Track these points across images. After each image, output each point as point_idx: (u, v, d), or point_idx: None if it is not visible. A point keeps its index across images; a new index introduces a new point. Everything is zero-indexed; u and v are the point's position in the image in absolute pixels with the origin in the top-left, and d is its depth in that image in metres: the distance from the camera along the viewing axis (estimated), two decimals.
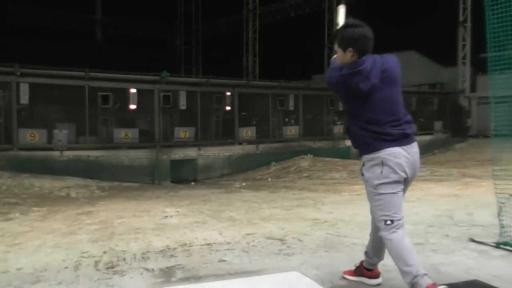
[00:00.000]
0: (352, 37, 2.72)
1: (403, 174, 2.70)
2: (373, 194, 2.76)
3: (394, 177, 2.70)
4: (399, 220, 2.71)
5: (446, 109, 19.91)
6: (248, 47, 27.14)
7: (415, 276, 2.60)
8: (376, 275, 3.13)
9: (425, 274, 2.62)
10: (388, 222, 2.70)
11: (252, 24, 26.97)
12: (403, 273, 2.67)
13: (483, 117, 18.43)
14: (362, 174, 2.83)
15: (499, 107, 4.21)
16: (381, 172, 2.70)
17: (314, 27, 24.97)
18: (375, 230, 2.94)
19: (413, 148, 2.76)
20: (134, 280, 3.35)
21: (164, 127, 12.85)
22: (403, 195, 2.80)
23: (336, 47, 2.86)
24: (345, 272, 3.25)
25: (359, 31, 2.72)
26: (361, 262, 3.18)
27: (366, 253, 3.13)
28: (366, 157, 2.77)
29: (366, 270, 3.13)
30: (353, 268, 3.25)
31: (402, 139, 2.72)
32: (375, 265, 3.11)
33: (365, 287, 3.12)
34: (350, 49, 2.72)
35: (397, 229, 2.70)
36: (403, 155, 2.69)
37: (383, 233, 2.74)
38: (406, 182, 2.77)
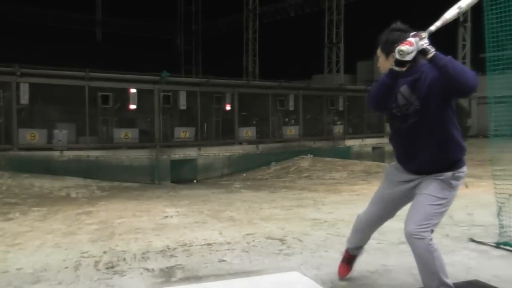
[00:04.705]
0: (397, 41, 2.51)
1: None
2: (448, 202, 2.62)
3: None
4: None
5: None
6: (248, 47, 27.14)
7: None
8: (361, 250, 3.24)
9: None
10: (433, 232, 2.61)
11: (252, 24, 26.97)
12: (443, 284, 2.56)
13: (483, 117, 18.42)
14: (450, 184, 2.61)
15: (499, 107, 4.21)
16: (461, 185, 2.67)
17: (314, 27, 24.97)
18: (379, 222, 2.98)
19: None
20: (134, 280, 3.35)
21: (164, 127, 12.84)
22: None
23: (378, 52, 2.68)
24: (341, 275, 3.21)
25: (405, 36, 2.51)
26: (347, 252, 3.20)
27: (362, 247, 3.18)
28: (462, 169, 2.63)
29: (356, 256, 3.21)
30: (340, 265, 3.25)
31: None
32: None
33: (365, 286, 3.13)
34: (394, 54, 2.52)
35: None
36: None
37: (429, 241, 2.54)
38: None
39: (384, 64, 2.66)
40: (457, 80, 2.33)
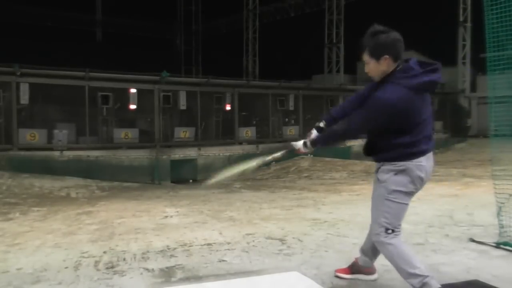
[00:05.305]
0: (387, 43, 2.55)
1: (419, 187, 2.68)
2: (384, 198, 2.67)
3: (411, 187, 2.65)
4: (399, 229, 2.71)
5: (446, 109, 19.91)
6: (248, 47, 27.15)
7: (425, 277, 2.59)
8: (373, 271, 3.18)
9: (433, 277, 2.62)
10: (389, 231, 2.66)
11: (252, 24, 26.98)
12: (410, 275, 2.62)
13: (483, 117, 18.43)
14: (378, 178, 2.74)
15: (499, 107, 4.21)
16: (401, 180, 2.64)
17: (314, 27, 24.97)
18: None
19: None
20: (134, 280, 3.35)
21: (164, 127, 12.85)
22: None
23: (366, 58, 2.63)
24: (337, 271, 3.25)
25: (393, 35, 2.55)
26: (356, 260, 3.20)
27: (362, 251, 3.14)
28: (395, 163, 2.66)
29: (363, 267, 3.17)
30: (344, 266, 3.26)
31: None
32: (371, 262, 3.14)
33: (364, 286, 3.13)
34: (386, 56, 2.55)
35: (396, 235, 2.69)
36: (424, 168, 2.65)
37: (381, 239, 2.68)
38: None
39: (376, 67, 2.63)
40: (344, 139, 2.91)
